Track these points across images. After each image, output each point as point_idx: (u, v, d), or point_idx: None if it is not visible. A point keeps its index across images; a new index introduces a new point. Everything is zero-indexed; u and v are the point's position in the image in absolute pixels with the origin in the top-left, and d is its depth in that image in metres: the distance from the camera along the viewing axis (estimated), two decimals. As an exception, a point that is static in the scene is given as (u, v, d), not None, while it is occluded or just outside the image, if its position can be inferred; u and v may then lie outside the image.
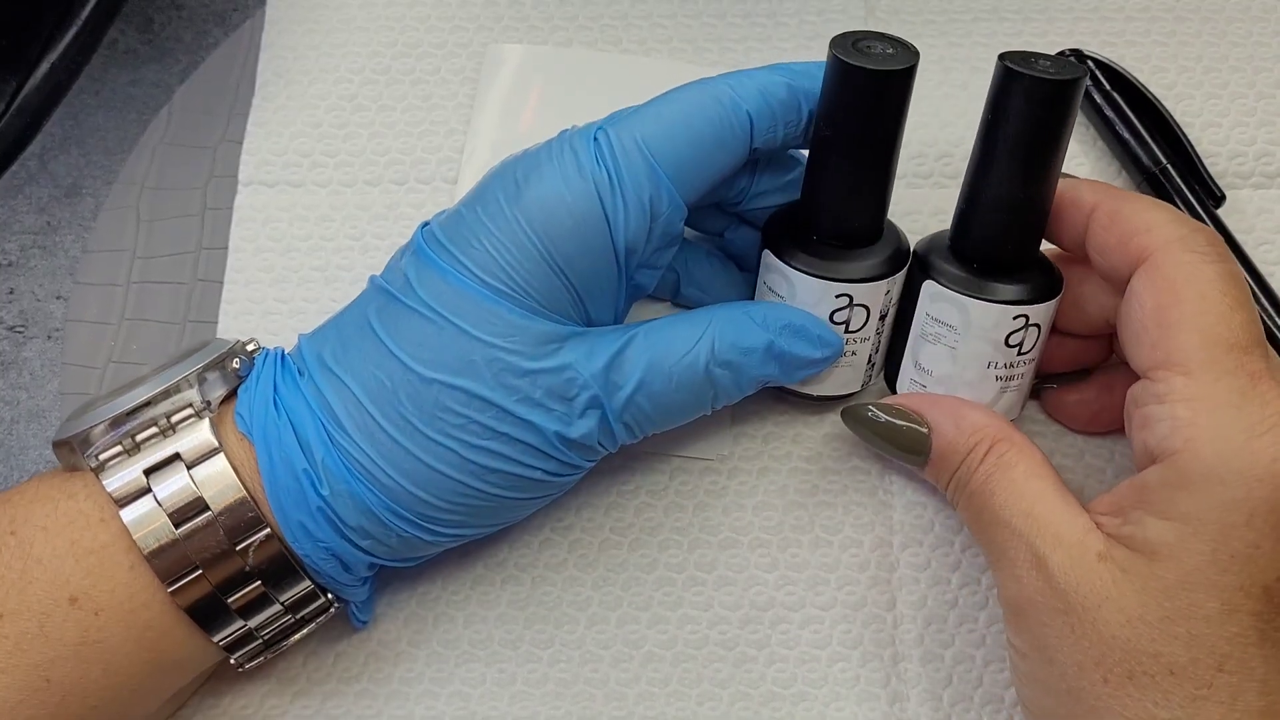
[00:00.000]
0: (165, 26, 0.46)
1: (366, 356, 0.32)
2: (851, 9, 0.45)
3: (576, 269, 0.32)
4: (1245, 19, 0.44)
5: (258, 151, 0.43)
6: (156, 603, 0.31)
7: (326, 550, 0.32)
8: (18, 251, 0.43)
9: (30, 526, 0.31)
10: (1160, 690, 0.28)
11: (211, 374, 0.33)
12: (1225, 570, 0.28)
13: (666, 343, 0.33)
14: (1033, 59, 0.32)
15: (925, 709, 0.36)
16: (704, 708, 0.36)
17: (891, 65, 0.31)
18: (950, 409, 0.34)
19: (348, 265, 0.42)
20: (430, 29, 0.45)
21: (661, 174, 0.32)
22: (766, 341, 0.34)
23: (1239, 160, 0.42)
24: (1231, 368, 0.29)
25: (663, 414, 0.34)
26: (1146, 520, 0.29)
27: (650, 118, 0.32)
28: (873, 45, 0.32)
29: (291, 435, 0.31)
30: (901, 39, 0.32)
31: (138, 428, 0.32)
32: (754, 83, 0.33)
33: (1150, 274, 0.30)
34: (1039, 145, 0.32)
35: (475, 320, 0.31)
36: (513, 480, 0.32)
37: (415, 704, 0.36)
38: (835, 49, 0.32)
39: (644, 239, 0.32)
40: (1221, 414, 0.28)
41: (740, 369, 0.34)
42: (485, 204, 0.32)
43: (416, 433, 0.31)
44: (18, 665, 0.30)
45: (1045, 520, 0.30)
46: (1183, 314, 0.29)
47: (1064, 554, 0.30)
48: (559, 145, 0.33)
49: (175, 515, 0.31)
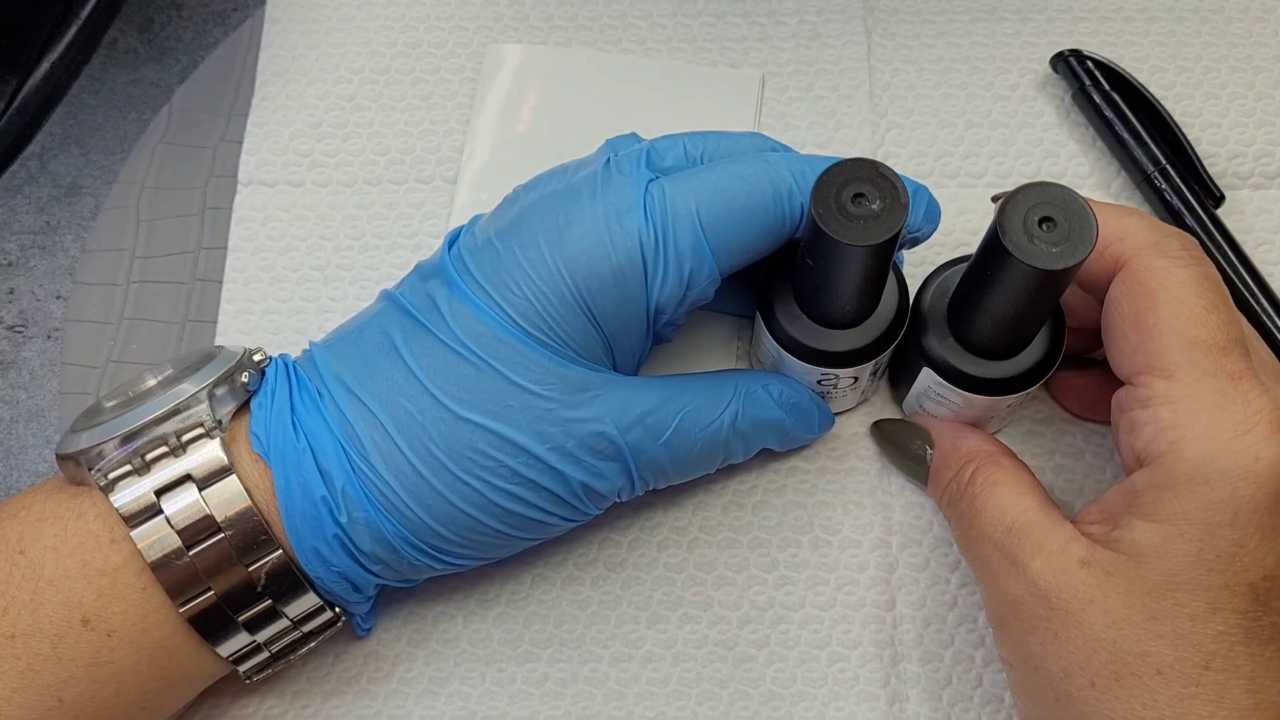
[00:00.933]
0: (165, 26, 0.46)
1: (395, 386, 0.32)
2: (851, 9, 0.45)
3: (610, 322, 0.32)
4: (1245, 19, 0.44)
5: (257, 151, 0.43)
6: (168, 622, 0.31)
7: (338, 574, 0.32)
8: (18, 251, 0.43)
9: (40, 547, 0.31)
10: (1148, 691, 0.28)
11: (221, 389, 0.32)
12: (1210, 569, 0.28)
13: (696, 409, 0.34)
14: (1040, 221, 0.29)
15: (925, 709, 0.36)
16: (704, 707, 0.36)
17: (871, 239, 0.29)
18: (952, 432, 0.36)
19: (347, 265, 0.42)
20: (430, 29, 0.45)
21: (708, 251, 0.32)
22: (780, 420, 0.36)
23: (1238, 160, 0.42)
24: (1212, 369, 0.29)
25: (678, 473, 0.35)
26: (1135, 523, 0.29)
27: (708, 189, 0.32)
28: (862, 197, 0.29)
29: (311, 461, 0.31)
30: (892, 178, 0.29)
31: (147, 446, 0.31)
32: (815, 174, 0.31)
33: (1126, 280, 0.31)
34: (1034, 306, 0.31)
35: (514, 365, 0.31)
36: (527, 523, 0.33)
37: (415, 704, 0.36)
38: (818, 206, 0.29)
39: (676, 304, 0.32)
40: (1204, 415, 0.28)
41: (751, 440, 0.36)
42: (524, 245, 0.32)
43: (444, 470, 0.31)
44: (30, 686, 0.30)
45: (1026, 531, 0.31)
46: (1159, 318, 0.29)
47: (1044, 560, 0.30)
48: (605, 184, 0.32)
49: (186, 535, 0.30)
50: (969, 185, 0.42)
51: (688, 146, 0.34)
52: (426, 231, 0.42)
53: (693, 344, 0.39)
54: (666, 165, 0.33)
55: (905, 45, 0.44)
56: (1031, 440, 0.39)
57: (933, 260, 0.37)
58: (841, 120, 0.43)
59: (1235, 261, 0.39)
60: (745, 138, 0.35)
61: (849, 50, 0.44)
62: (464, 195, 0.42)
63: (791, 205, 0.32)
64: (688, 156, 0.34)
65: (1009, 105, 0.43)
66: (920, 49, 0.44)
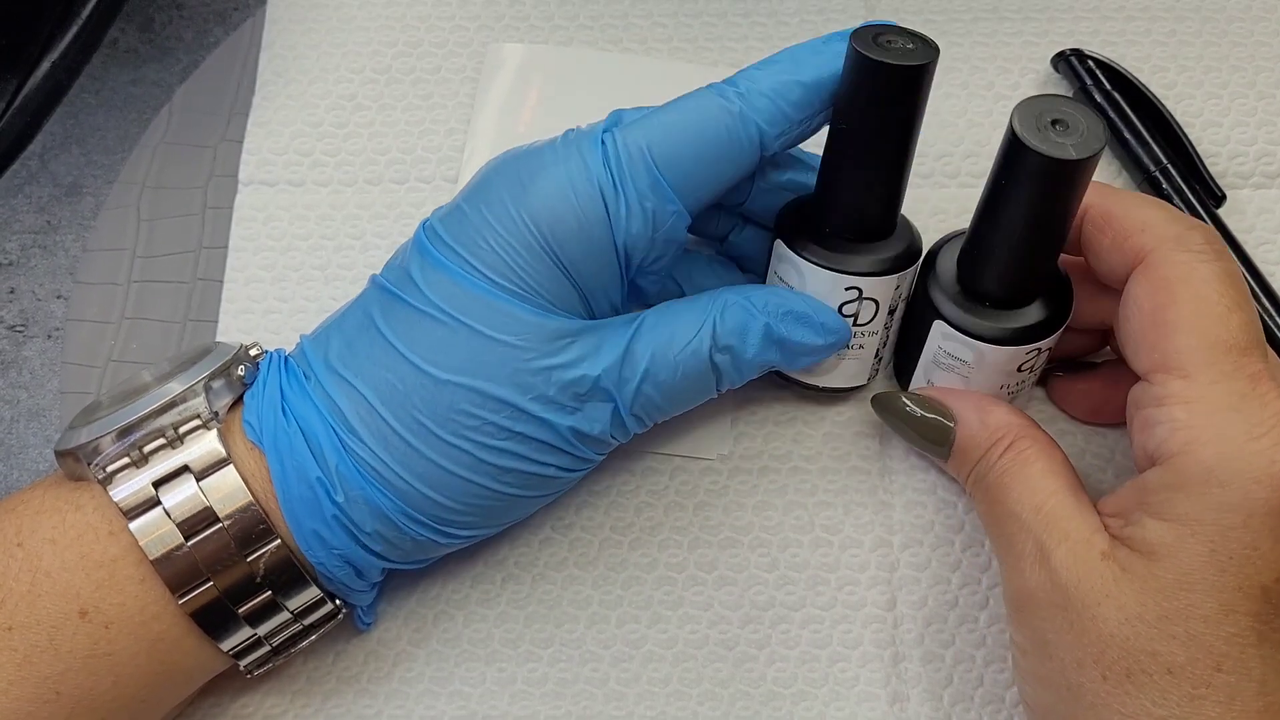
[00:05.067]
0: (166, 26, 0.46)
1: (374, 359, 0.32)
2: (851, 8, 0.45)
3: (580, 269, 0.32)
4: (1245, 19, 0.44)
5: (258, 151, 0.43)
6: (167, 615, 0.31)
7: (341, 557, 0.32)
8: (18, 251, 0.43)
9: (37, 539, 0.31)
10: (1158, 689, 0.28)
11: (217, 382, 0.32)
12: (1223, 571, 0.28)
13: (670, 332, 0.33)
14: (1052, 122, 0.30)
15: (925, 709, 0.36)
16: (704, 707, 0.36)
17: (913, 60, 0.31)
18: (976, 404, 0.34)
19: (348, 264, 0.42)
20: (430, 28, 0.45)
21: (666, 186, 0.32)
22: (764, 326, 0.34)
23: (1239, 160, 0.42)
24: (1230, 370, 0.28)
25: (670, 402, 0.34)
26: (1146, 521, 0.29)
27: (657, 126, 0.32)
28: (893, 40, 0.31)
29: (303, 443, 0.31)
30: (921, 34, 0.32)
31: (145, 439, 0.31)
32: (765, 88, 0.32)
33: (1146, 275, 0.30)
34: (1051, 217, 0.31)
35: (487, 320, 0.31)
36: (526, 478, 0.32)
37: (415, 703, 0.36)
38: (856, 43, 0.31)
39: (646, 244, 0.32)
40: (1220, 416, 0.28)
41: (739, 354, 0.34)
42: (490, 203, 0.32)
43: (431, 435, 0.31)
44: (27, 678, 0.30)
45: (1055, 516, 0.31)
46: (1179, 315, 0.29)
47: (1068, 549, 0.30)
48: (565, 145, 0.32)
49: (185, 527, 0.30)
50: (969, 185, 0.42)
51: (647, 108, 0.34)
52: (427, 231, 0.42)
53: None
54: (624, 120, 0.33)
55: (906, 45, 0.44)
56: (1033, 440, 0.39)
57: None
58: (842, 120, 0.43)
59: (1236, 261, 0.39)
60: None
61: (850, 50, 0.44)
62: (465, 195, 0.42)
63: (747, 126, 0.32)
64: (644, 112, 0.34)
65: (1010, 105, 0.43)
66: (921, 49, 0.44)
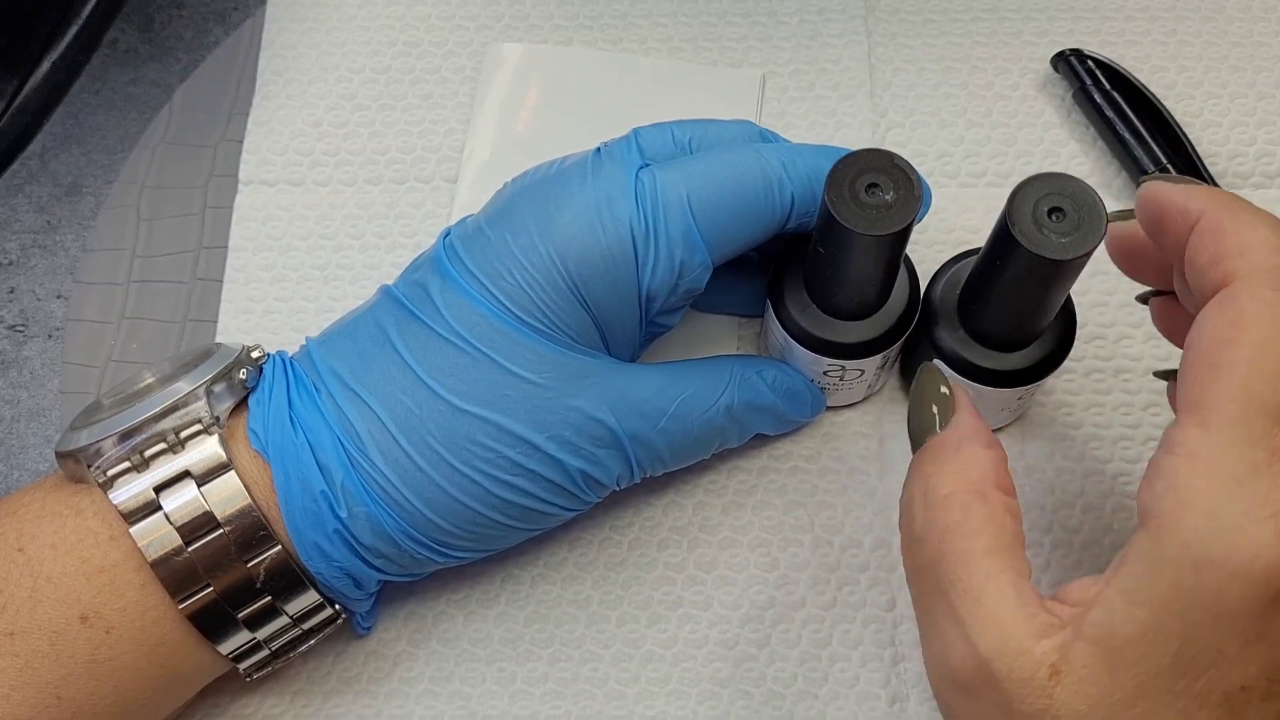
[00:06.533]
0: (166, 25, 0.46)
1: (391, 379, 0.32)
2: (852, 8, 0.45)
3: (602, 308, 0.32)
4: (1245, 18, 0.44)
5: (258, 150, 0.43)
6: (167, 619, 0.31)
7: (340, 569, 0.32)
8: (18, 250, 0.43)
9: (38, 544, 0.30)
10: None
11: (219, 386, 0.32)
12: (1184, 674, 0.24)
13: (692, 395, 0.34)
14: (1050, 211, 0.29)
15: (925, 709, 0.36)
16: (704, 707, 0.36)
17: (883, 228, 0.29)
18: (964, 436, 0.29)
19: (348, 264, 0.42)
20: (430, 28, 0.45)
21: (699, 239, 0.32)
22: (773, 405, 0.36)
23: (1239, 160, 0.42)
24: (1256, 435, 0.24)
25: (675, 459, 0.35)
26: (1115, 603, 0.25)
27: (699, 177, 0.32)
28: (877, 185, 0.29)
29: (310, 456, 0.31)
30: (907, 170, 0.29)
31: (146, 443, 0.31)
32: (805, 165, 0.32)
33: (1222, 304, 0.26)
34: (1043, 296, 0.31)
35: (510, 354, 0.31)
36: (527, 513, 0.33)
37: (415, 703, 0.36)
38: (830, 194, 0.29)
39: (668, 292, 0.32)
40: (1219, 486, 0.24)
41: (746, 425, 0.36)
42: (515, 231, 0.32)
43: (443, 463, 0.31)
44: (28, 683, 0.30)
45: (993, 615, 0.26)
46: (1234, 357, 0.25)
47: (1010, 663, 0.25)
48: (595, 173, 0.32)
49: (185, 531, 0.30)
50: (969, 185, 0.42)
51: (675, 134, 0.34)
52: (427, 231, 0.42)
53: (695, 336, 0.39)
54: (656, 152, 0.33)
55: (906, 45, 0.44)
56: (1032, 442, 0.39)
57: (935, 258, 0.37)
58: (842, 120, 0.43)
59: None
60: (733, 125, 0.35)
61: (850, 50, 0.44)
62: (464, 194, 0.42)
63: (781, 194, 0.32)
64: (676, 143, 0.34)
65: (1010, 105, 0.43)
66: (921, 48, 0.44)
